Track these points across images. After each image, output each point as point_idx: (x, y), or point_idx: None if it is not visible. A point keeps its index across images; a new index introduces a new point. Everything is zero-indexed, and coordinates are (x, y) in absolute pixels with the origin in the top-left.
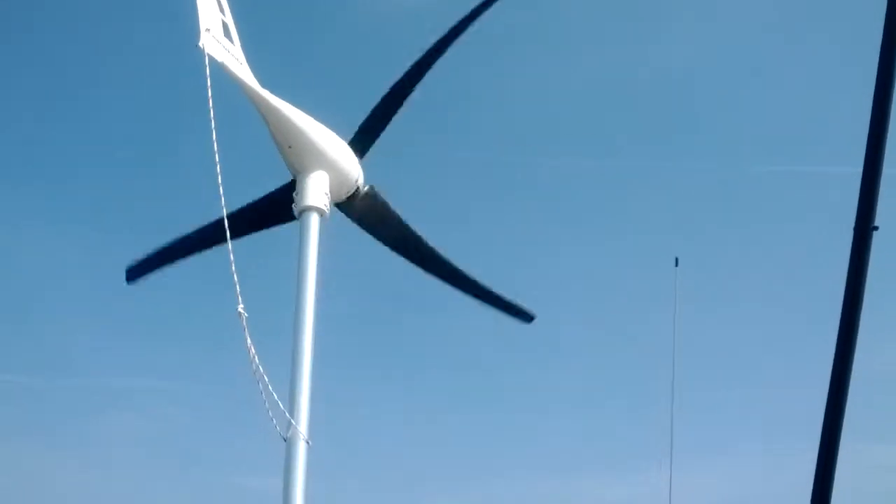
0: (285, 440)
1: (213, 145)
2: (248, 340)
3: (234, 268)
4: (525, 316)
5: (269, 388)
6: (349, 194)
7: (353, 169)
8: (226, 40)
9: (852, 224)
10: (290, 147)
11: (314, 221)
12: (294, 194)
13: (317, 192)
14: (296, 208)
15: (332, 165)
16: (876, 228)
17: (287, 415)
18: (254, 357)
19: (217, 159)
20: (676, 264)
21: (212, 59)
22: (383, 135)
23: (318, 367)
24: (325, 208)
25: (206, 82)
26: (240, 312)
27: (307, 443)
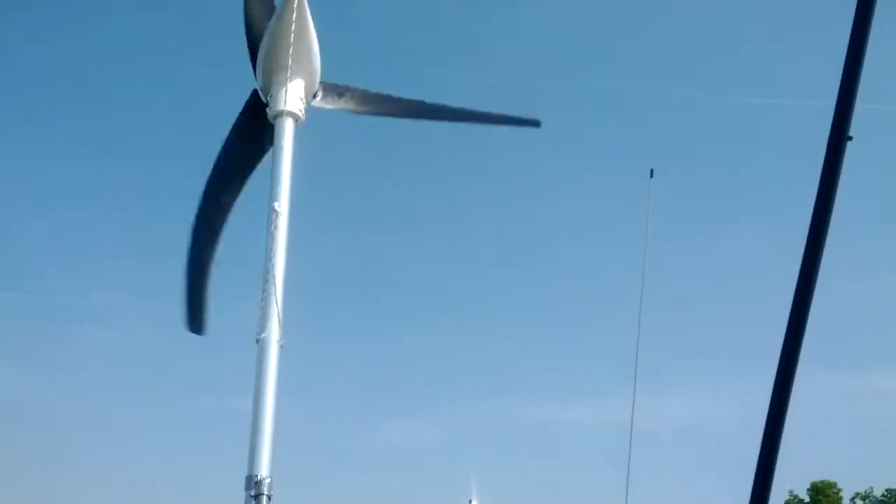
0: (258, 342)
1: None
2: (272, 240)
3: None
4: (533, 122)
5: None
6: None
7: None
8: None
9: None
10: (289, 47)
11: (289, 127)
12: (269, 97)
13: (294, 97)
14: (270, 112)
15: (311, 71)
16: (850, 138)
17: (261, 317)
18: (272, 257)
19: None
20: (651, 175)
21: None
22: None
23: (290, 278)
24: (300, 114)
25: None
26: (275, 209)
27: (280, 344)
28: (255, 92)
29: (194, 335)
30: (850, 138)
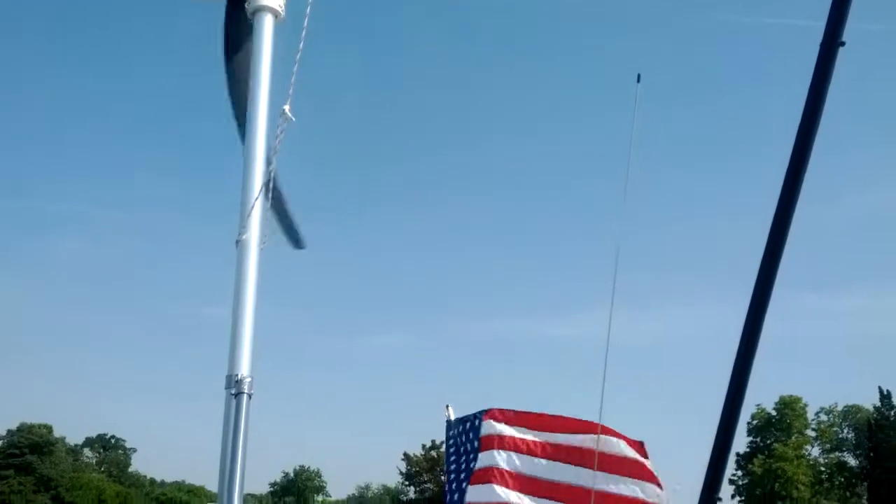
0: (237, 244)
1: None
2: (278, 142)
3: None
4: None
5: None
6: None
7: None
8: None
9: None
10: None
11: (269, 23)
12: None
13: None
14: (248, 8)
15: None
16: (843, 44)
17: (240, 218)
18: (274, 158)
19: None
20: (638, 80)
21: None
22: None
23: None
24: (280, 10)
25: None
26: (285, 112)
27: (260, 248)
28: None
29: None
30: (842, 44)
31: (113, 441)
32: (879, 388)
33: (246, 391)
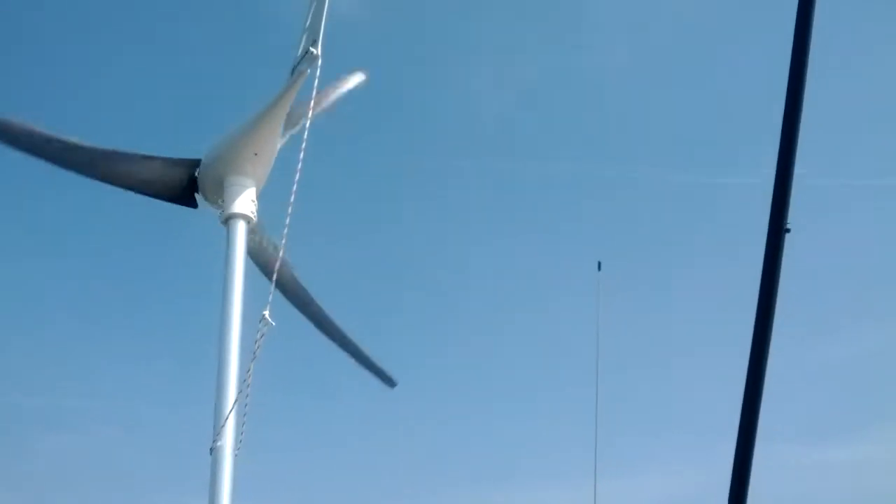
0: (212, 451)
1: None
2: (258, 346)
3: (274, 277)
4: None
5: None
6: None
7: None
8: None
9: (766, 229)
10: (255, 154)
11: (241, 229)
12: (220, 201)
13: (247, 200)
14: (222, 216)
15: (263, 177)
16: (788, 230)
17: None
18: (250, 371)
19: None
20: (599, 268)
21: None
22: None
23: (243, 368)
24: (252, 216)
25: None
26: (265, 319)
27: (234, 454)
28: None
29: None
30: (787, 230)
31: None
32: None
33: None
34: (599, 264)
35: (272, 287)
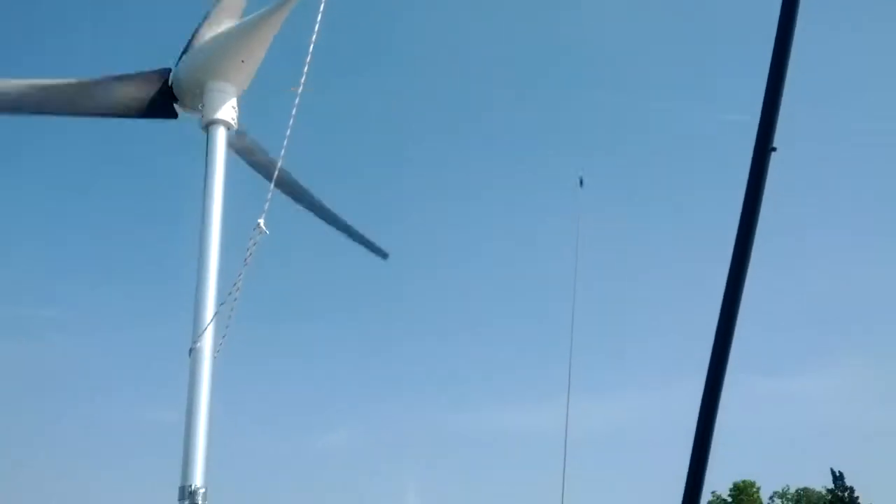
0: (191, 352)
1: None
2: (251, 253)
3: (276, 172)
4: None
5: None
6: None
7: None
8: None
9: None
10: (242, 61)
11: (221, 135)
12: (200, 105)
13: (227, 105)
14: (202, 121)
15: (245, 83)
16: (774, 149)
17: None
18: (240, 277)
19: None
20: (581, 184)
21: None
22: None
23: (222, 286)
24: (233, 123)
25: None
26: (259, 227)
27: (214, 356)
28: (167, 71)
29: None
30: (773, 149)
31: None
32: (832, 469)
33: (200, 502)
34: (581, 180)
35: (269, 195)
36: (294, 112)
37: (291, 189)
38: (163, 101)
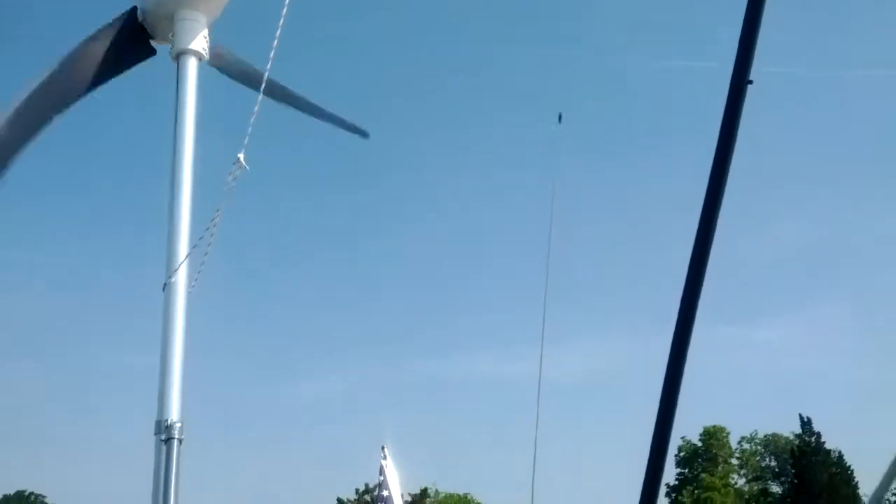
0: (164, 287)
1: None
2: (230, 188)
3: (254, 117)
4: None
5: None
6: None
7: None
8: None
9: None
10: None
11: (192, 66)
12: (170, 35)
13: (198, 35)
14: (172, 52)
15: (216, 12)
16: (750, 82)
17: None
18: (218, 212)
19: None
20: (560, 120)
21: None
22: None
23: (195, 225)
24: (204, 53)
25: None
26: (240, 161)
27: (188, 291)
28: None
29: None
30: (750, 82)
31: (32, 497)
32: (800, 415)
33: (176, 436)
34: (560, 116)
35: (249, 129)
36: (281, 24)
37: (274, 92)
38: (139, 43)
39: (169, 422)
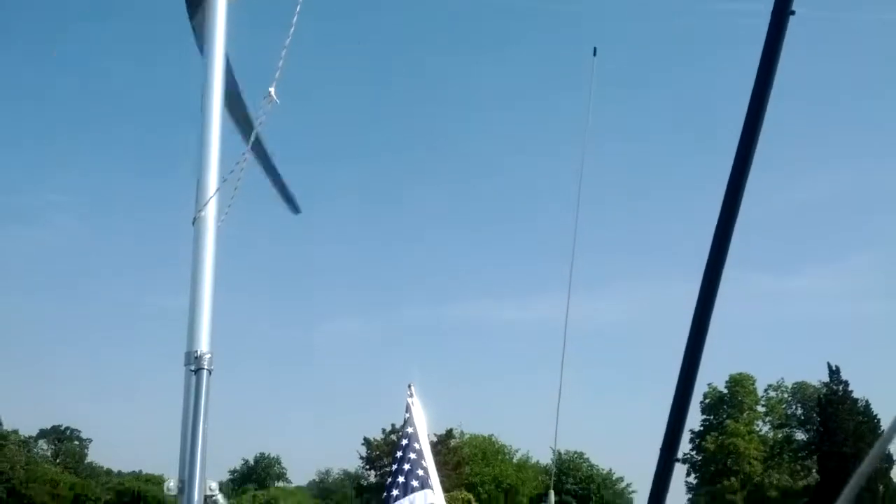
0: (194, 222)
1: None
2: (260, 124)
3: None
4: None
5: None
6: None
7: None
8: None
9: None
10: None
11: (222, 2)
12: None
13: None
14: None
15: None
16: (793, 13)
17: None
18: (249, 143)
19: None
20: (595, 54)
21: None
22: None
23: (226, 154)
24: None
25: None
26: (270, 95)
27: (218, 224)
28: None
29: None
30: (792, 12)
31: (68, 432)
32: (828, 363)
33: (206, 367)
34: (595, 49)
35: (280, 62)
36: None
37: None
38: None
39: (199, 353)
